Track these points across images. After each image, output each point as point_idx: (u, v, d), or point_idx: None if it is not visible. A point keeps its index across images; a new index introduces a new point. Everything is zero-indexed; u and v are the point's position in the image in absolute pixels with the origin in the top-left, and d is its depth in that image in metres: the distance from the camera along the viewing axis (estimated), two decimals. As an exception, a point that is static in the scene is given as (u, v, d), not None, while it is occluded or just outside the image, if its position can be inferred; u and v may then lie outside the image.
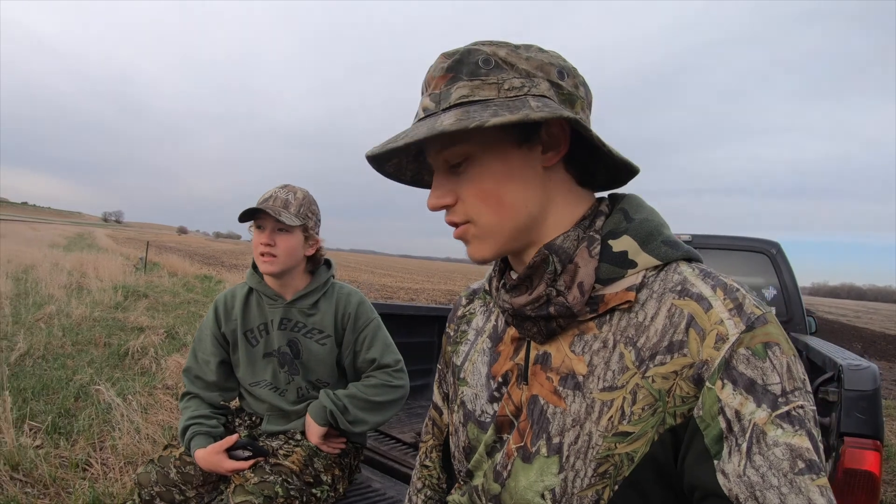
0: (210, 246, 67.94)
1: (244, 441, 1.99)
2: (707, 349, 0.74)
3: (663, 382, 0.76)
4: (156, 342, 7.13)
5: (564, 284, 0.84)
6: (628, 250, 0.84)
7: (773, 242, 4.83)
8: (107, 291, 11.45)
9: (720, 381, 0.72)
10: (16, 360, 5.78)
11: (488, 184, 0.84)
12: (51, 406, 4.57)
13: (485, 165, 0.84)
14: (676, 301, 0.79)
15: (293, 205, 2.05)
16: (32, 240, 30.04)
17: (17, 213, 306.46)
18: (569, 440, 0.82)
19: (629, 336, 0.81)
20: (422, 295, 23.89)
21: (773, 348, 0.72)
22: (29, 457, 3.50)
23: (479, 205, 0.85)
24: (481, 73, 0.81)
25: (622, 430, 0.78)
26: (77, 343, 6.98)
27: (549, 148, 0.85)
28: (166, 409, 4.77)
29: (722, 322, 0.74)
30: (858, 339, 20.03)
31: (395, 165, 0.97)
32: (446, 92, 0.82)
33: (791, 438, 0.68)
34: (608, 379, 0.81)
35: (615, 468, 0.79)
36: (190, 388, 2.20)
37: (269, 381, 2.17)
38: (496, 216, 0.85)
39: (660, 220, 0.89)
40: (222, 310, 2.20)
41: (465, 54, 0.82)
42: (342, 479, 2.12)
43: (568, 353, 0.86)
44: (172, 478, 2.00)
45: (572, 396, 0.83)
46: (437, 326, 4.37)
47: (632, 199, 0.92)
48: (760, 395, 0.70)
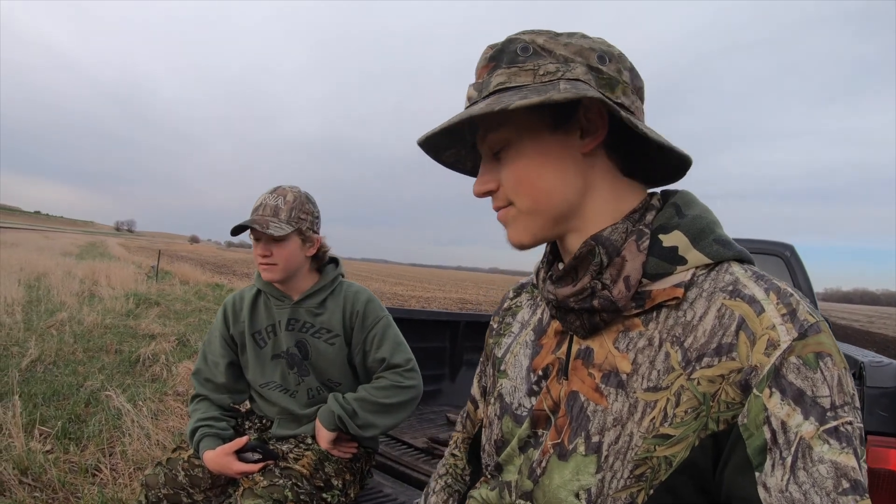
0: (222, 255, 68.27)
1: (254, 443, 1.96)
2: (757, 355, 0.71)
3: (709, 386, 0.74)
4: (167, 349, 7.12)
5: (610, 278, 0.82)
6: (679, 246, 0.82)
7: (787, 245, 4.78)
8: (119, 299, 11.48)
9: (768, 389, 0.70)
10: (27, 365, 5.79)
11: (523, 168, 0.85)
12: (61, 411, 4.56)
13: (521, 150, 0.85)
14: (727, 301, 0.76)
15: (283, 210, 2.02)
16: (45, 248, 30.25)
17: (30, 221, 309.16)
18: (609, 440, 0.80)
19: (676, 335, 0.78)
20: (433, 303, 23.88)
21: (825, 359, 0.69)
22: (38, 461, 3.48)
23: (516, 189, 0.86)
24: (519, 60, 0.83)
25: (663, 433, 0.76)
26: (88, 350, 6.98)
27: (587, 133, 0.85)
28: (177, 415, 4.76)
29: (774, 327, 0.72)
30: (872, 345, 19.87)
31: (454, 155, 1.00)
32: (487, 80, 0.84)
33: (837, 456, 0.66)
34: (653, 379, 0.78)
35: (652, 471, 0.77)
36: (199, 390, 2.18)
37: (278, 382, 2.14)
38: (532, 200, 0.85)
39: (713, 217, 0.87)
40: (231, 312, 2.19)
41: (506, 43, 0.85)
42: (353, 483, 2.08)
43: (612, 349, 0.84)
44: (180, 480, 1.98)
45: (615, 395, 0.81)
46: (450, 332, 4.35)
47: (684, 195, 0.90)
48: (809, 408, 0.68)
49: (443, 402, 4.15)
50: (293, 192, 2.07)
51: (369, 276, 49.28)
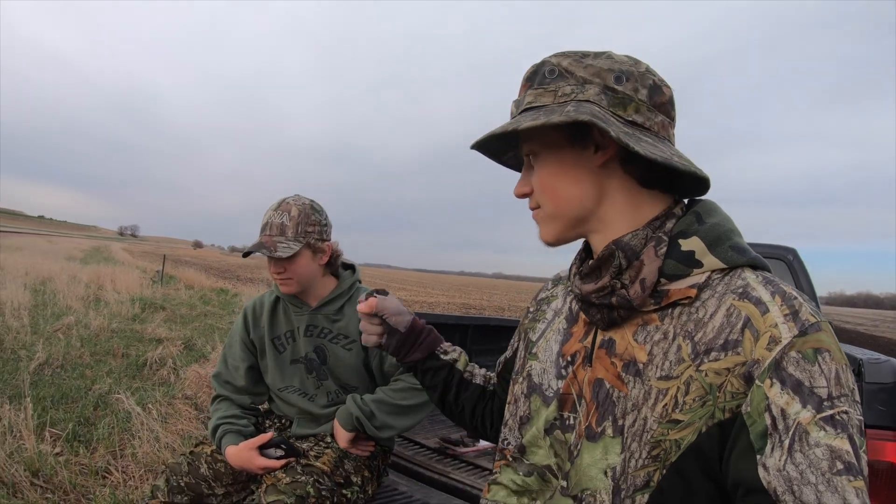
0: (225, 260, 68.37)
1: (278, 439, 1.98)
2: (760, 349, 0.78)
3: (715, 377, 0.81)
4: (174, 353, 7.14)
5: (629, 278, 0.91)
6: (696, 250, 0.89)
7: (789, 248, 4.79)
8: (124, 303, 11.50)
9: (769, 379, 0.76)
10: (35, 368, 5.80)
11: (546, 177, 0.98)
12: (70, 414, 4.57)
13: (544, 161, 0.97)
14: (735, 302, 0.84)
15: (289, 227, 2.01)
16: (49, 252, 30.28)
17: (34, 226, 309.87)
18: (628, 423, 0.88)
19: (688, 330, 0.86)
20: (437, 308, 23.90)
21: (823, 354, 0.76)
22: (49, 463, 3.50)
23: (541, 194, 0.99)
24: (546, 82, 0.95)
25: (674, 418, 0.83)
26: (95, 353, 6.99)
27: (600, 148, 0.93)
28: (186, 418, 4.77)
29: (776, 326, 0.79)
30: (876, 348, 19.81)
31: (513, 158, 1.11)
32: (522, 99, 0.97)
33: (832, 440, 0.72)
34: (665, 368, 0.86)
35: (665, 453, 0.84)
36: (220, 391, 2.22)
37: (297, 386, 2.17)
38: (553, 205, 0.98)
39: (731, 226, 0.94)
40: (251, 317, 2.22)
41: (540, 65, 0.97)
42: (371, 480, 2.10)
43: (631, 341, 0.92)
44: (203, 472, 2.01)
45: (633, 382, 0.89)
46: (458, 335, 4.34)
47: (706, 204, 0.97)
48: (806, 397, 0.74)
49: None
50: (297, 206, 2.06)
51: (372, 282, 49.28)
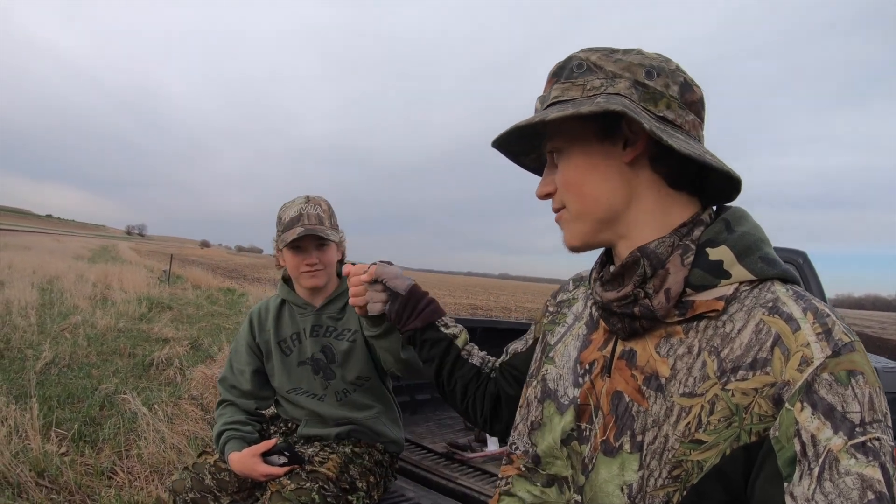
0: (232, 259, 68.57)
1: (282, 446, 1.96)
2: (790, 370, 0.74)
3: (742, 398, 0.77)
4: (180, 353, 7.13)
5: (653, 288, 0.87)
6: (724, 260, 0.85)
7: (799, 252, 4.76)
8: (131, 303, 11.52)
9: (800, 403, 0.72)
10: (42, 368, 5.81)
11: (572, 174, 0.93)
12: (76, 414, 4.57)
13: (570, 157, 0.93)
14: (765, 317, 0.79)
15: (325, 218, 2.11)
16: (57, 251, 30.42)
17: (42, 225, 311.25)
18: (648, 440, 0.84)
19: (714, 345, 0.82)
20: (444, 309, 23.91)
21: (857, 377, 0.72)
22: (55, 463, 3.49)
23: (566, 193, 0.94)
24: (574, 76, 0.92)
25: (697, 438, 0.79)
26: (102, 353, 7.00)
27: (629, 144, 0.89)
28: (192, 419, 4.76)
29: (808, 345, 0.74)
30: (885, 351, 19.72)
31: (535, 160, 1.09)
32: (547, 94, 0.94)
33: (864, 469, 0.68)
34: (689, 385, 0.82)
35: (686, 473, 0.80)
36: (225, 395, 2.22)
37: (305, 388, 2.17)
38: (580, 204, 0.93)
39: (761, 235, 0.89)
40: (256, 321, 2.24)
41: (566, 61, 0.94)
42: (377, 486, 2.09)
43: (653, 353, 0.88)
44: (207, 484, 1.99)
45: (654, 397, 0.85)
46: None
47: (736, 211, 0.93)
48: (838, 423, 0.70)
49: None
50: (325, 202, 2.15)
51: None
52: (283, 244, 2.04)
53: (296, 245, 2.04)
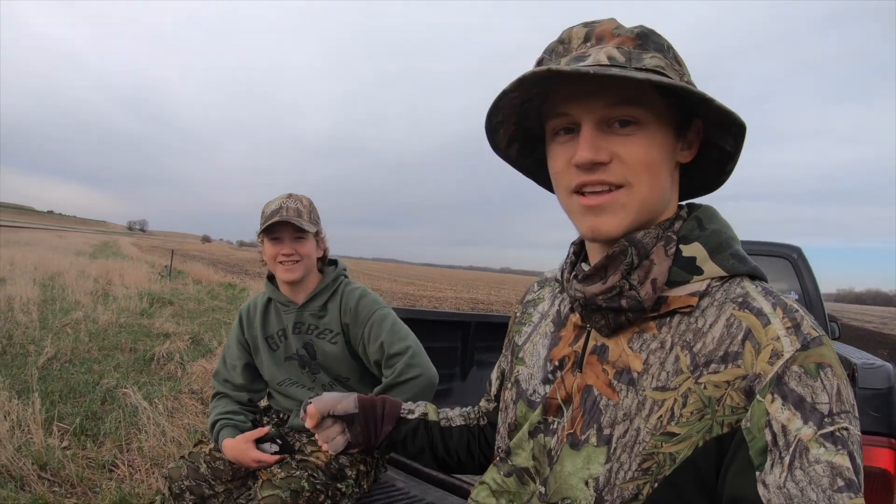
0: (234, 254, 68.49)
1: (274, 434, 2.02)
2: (761, 363, 0.75)
3: (715, 390, 0.78)
4: (181, 348, 7.20)
5: (637, 279, 0.85)
6: (697, 257, 0.86)
7: (794, 247, 4.78)
8: (132, 298, 11.57)
9: (770, 394, 0.74)
10: (44, 363, 5.87)
11: (655, 154, 0.84)
12: (78, 408, 4.63)
13: (654, 136, 0.84)
14: (736, 312, 0.81)
15: (304, 212, 2.14)
16: (59, 247, 30.43)
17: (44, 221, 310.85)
18: (618, 433, 0.84)
19: (686, 340, 0.82)
20: (445, 303, 23.87)
21: (825, 369, 0.73)
22: (56, 457, 3.55)
23: (640, 171, 0.83)
24: (669, 55, 0.85)
25: (669, 431, 0.80)
26: (103, 348, 7.06)
27: (684, 147, 0.90)
28: (192, 412, 4.82)
29: (778, 338, 0.76)
30: (885, 346, 19.66)
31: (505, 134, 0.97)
32: (638, 55, 0.82)
33: (833, 457, 0.70)
34: (662, 379, 0.82)
35: (657, 466, 0.80)
36: (219, 388, 2.30)
37: (294, 379, 2.25)
38: (649, 188, 0.85)
39: (731, 233, 0.91)
40: (245, 318, 2.33)
41: (650, 32, 0.86)
42: (367, 475, 2.14)
43: (626, 348, 0.87)
44: (202, 472, 2.05)
45: (626, 391, 0.85)
46: (461, 332, 4.37)
47: (707, 210, 0.94)
48: (808, 413, 0.72)
49: (454, 401, 4.17)
50: (307, 198, 2.20)
51: (381, 276, 49.32)
52: (260, 230, 2.10)
53: (273, 236, 2.09)
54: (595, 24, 0.86)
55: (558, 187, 0.91)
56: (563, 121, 0.86)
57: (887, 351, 18.22)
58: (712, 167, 0.94)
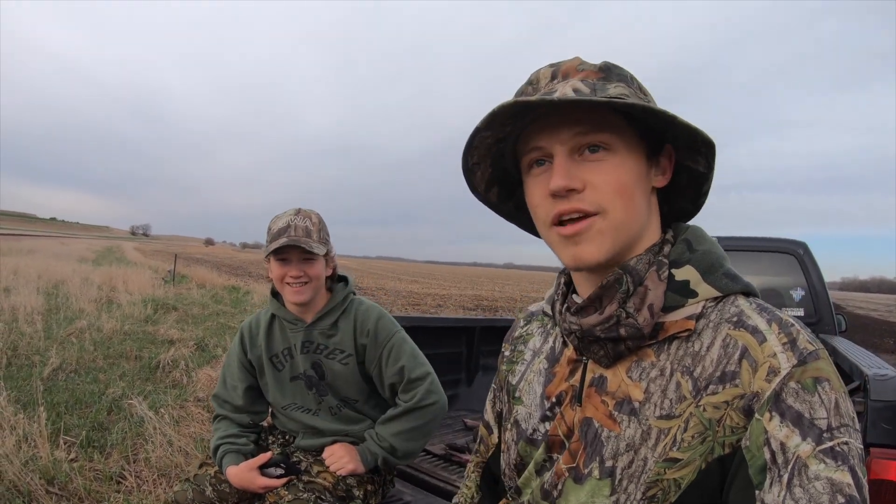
0: (237, 256, 68.60)
1: (277, 458, 2.00)
2: (759, 381, 0.75)
3: (714, 412, 0.78)
4: (186, 355, 7.20)
5: (634, 306, 0.85)
6: (690, 280, 0.86)
7: (799, 242, 4.76)
8: (136, 305, 11.59)
9: (768, 412, 0.73)
10: (49, 374, 5.87)
11: (627, 178, 0.84)
12: (84, 420, 4.63)
13: (624, 161, 0.84)
14: (731, 332, 0.80)
15: (314, 231, 2.06)
16: (62, 254, 30.50)
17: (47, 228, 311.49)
18: (622, 464, 0.83)
19: (686, 365, 0.82)
20: (449, 301, 23.85)
21: (822, 384, 0.73)
22: (64, 470, 3.54)
23: (614, 197, 0.83)
24: (633, 85, 0.87)
25: (672, 457, 0.79)
26: (109, 357, 7.07)
27: (658, 173, 0.90)
28: (198, 421, 4.82)
29: (775, 355, 0.76)
30: (891, 335, 19.59)
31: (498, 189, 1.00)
32: (602, 85, 0.84)
33: (833, 473, 0.69)
34: (665, 407, 0.82)
35: (663, 493, 0.80)
36: (219, 411, 2.25)
37: (299, 403, 2.18)
38: (625, 213, 0.84)
39: (721, 252, 0.91)
40: (248, 336, 2.24)
41: (611, 65, 0.88)
42: (374, 493, 2.11)
43: (625, 378, 0.87)
44: (208, 495, 2.02)
45: (627, 421, 0.84)
46: (465, 337, 4.37)
47: (695, 231, 0.93)
48: (807, 429, 0.71)
49: (460, 407, 4.17)
50: (316, 215, 2.11)
51: (385, 275, 49.36)
52: (267, 252, 2.03)
53: (281, 257, 2.03)
54: (560, 64, 0.89)
55: (537, 221, 0.91)
56: (537, 154, 0.87)
57: (894, 339, 18.14)
58: (689, 191, 0.95)
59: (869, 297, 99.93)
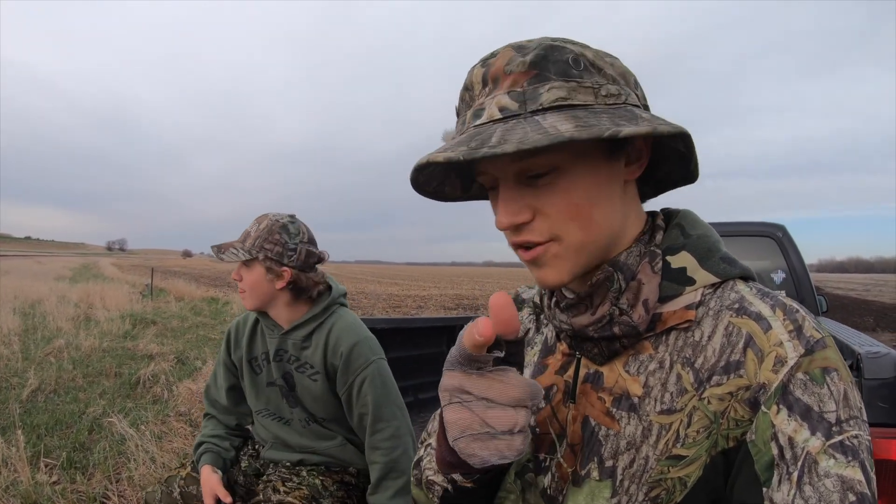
0: (215, 267, 68.05)
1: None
2: (765, 372, 0.71)
3: (719, 404, 0.74)
4: (166, 369, 7.14)
5: (627, 302, 0.80)
6: (687, 267, 0.81)
7: (778, 225, 4.78)
8: (115, 321, 11.44)
9: (776, 405, 0.70)
10: (28, 396, 5.78)
11: (580, 198, 0.76)
12: (65, 441, 4.57)
13: (576, 178, 0.76)
14: (734, 319, 0.76)
15: (251, 237, 1.96)
16: (38, 274, 30.09)
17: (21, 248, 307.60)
18: (623, 464, 0.78)
19: (686, 356, 0.78)
20: (430, 301, 23.79)
21: (831, 374, 0.70)
22: (46, 493, 3.51)
23: (566, 221, 0.77)
24: (573, 74, 0.74)
25: (676, 454, 0.75)
26: (88, 375, 6.97)
27: (631, 161, 0.82)
28: (180, 435, 4.78)
29: (781, 344, 0.72)
30: (869, 313, 19.84)
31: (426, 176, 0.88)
32: (533, 92, 0.73)
33: (843, 470, 0.66)
34: (666, 401, 0.77)
35: (667, 493, 0.75)
36: (209, 409, 2.27)
37: (272, 410, 2.14)
38: (584, 233, 0.78)
39: (716, 236, 0.87)
40: (233, 337, 2.21)
41: (548, 50, 0.74)
42: None
43: (622, 372, 0.82)
44: (175, 497, 2.03)
45: (627, 418, 0.80)
46: (447, 337, 4.35)
47: (687, 215, 0.88)
48: (816, 423, 0.68)
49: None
50: (269, 221, 1.99)
51: (364, 279, 49.17)
52: None
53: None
54: (491, 62, 0.77)
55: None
56: (485, 179, 0.81)
57: (873, 318, 18.39)
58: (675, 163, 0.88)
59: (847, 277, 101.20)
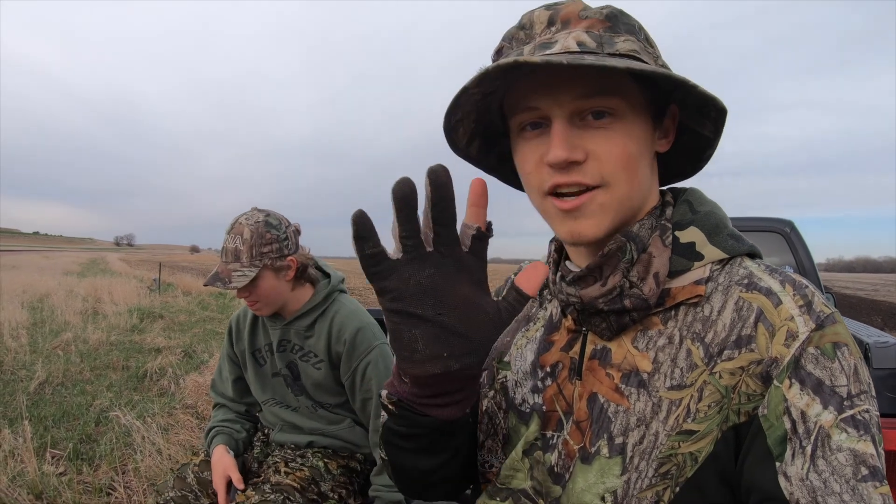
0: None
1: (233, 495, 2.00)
2: (777, 346, 0.71)
3: (730, 378, 0.73)
4: (173, 362, 7.18)
5: (637, 275, 0.79)
6: (696, 241, 0.82)
7: (786, 221, 4.74)
8: (122, 315, 11.52)
9: (788, 380, 0.70)
10: (35, 388, 5.83)
11: (632, 148, 0.77)
12: (72, 433, 4.60)
13: (631, 128, 0.77)
14: (744, 294, 0.76)
15: (244, 252, 1.91)
16: (46, 268, 30.23)
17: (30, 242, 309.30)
18: (633, 440, 0.77)
19: (696, 331, 0.77)
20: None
21: (842, 349, 0.70)
22: (52, 484, 3.52)
23: (619, 169, 0.76)
24: (640, 37, 0.78)
25: (686, 429, 0.75)
26: (95, 368, 7.02)
27: (662, 135, 0.84)
28: (187, 428, 4.79)
29: (792, 318, 0.72)
30: (878, 313, 19.74)
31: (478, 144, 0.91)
32: (609, 39, 0.74)
33: (855, 444, 0.66)
34: (676, 377, 0.77)
35: (677, 468, 0.75)
36: (217, 400, 2.29)
37: (279, 399, 2.18)
38: (629, 186, 0.78)
39: (723, 213, 0.87)
40: (234, 329, 2.23)
41: (618, 12, 0.78)
42: (352, 494, 2.08)
43: (630, 348, 0.81)
44: (189, 482, 2.03)
45: (636, 395, 0.79)
46: None
47: (695, 192, 0.89)
48: (828, 397, 0.68)
49: None
50: (249, 227, 1.94)
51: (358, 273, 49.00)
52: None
53: None
54: (559, 7, 0.78)
55: (530, 189, 0.84)
56: (531, 115, 0.78)
57: (881, 318, 18.30)
58: (688, 153, 0.90)
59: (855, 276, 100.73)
